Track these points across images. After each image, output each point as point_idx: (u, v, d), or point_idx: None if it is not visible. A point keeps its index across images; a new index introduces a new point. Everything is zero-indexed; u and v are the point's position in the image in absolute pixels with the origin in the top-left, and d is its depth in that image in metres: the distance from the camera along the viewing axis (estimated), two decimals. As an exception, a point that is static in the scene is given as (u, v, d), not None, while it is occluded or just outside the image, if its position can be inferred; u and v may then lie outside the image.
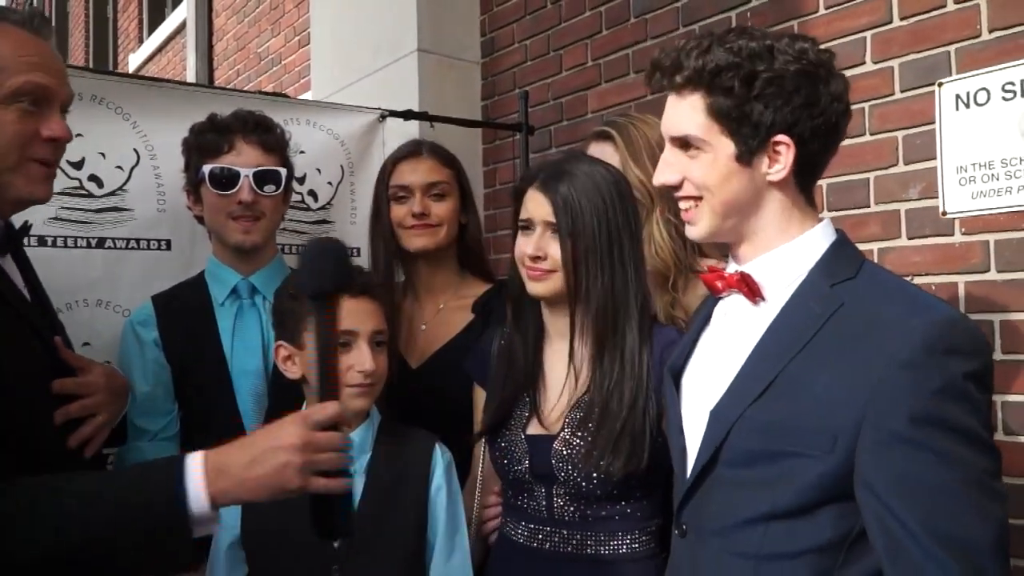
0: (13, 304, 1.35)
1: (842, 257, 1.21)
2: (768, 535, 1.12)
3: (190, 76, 6.74)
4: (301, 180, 2.40)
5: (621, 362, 1.51)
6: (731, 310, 1.28)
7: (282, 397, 1.79)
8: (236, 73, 6.15)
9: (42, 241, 1.97)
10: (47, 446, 1.32)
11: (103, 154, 2.08)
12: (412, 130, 2.77)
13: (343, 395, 1.53)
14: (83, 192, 2.05)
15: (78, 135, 2.01)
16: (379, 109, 2.62)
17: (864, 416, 1.05)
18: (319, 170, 2.45)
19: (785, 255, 1.22)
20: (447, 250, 2.12)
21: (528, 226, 1.58)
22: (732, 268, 1.28)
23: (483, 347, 1.78)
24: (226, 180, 1.84)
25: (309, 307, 1.34)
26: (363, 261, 2.31)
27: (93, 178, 2.06)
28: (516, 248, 1.61)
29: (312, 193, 2.45)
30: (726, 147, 1.19)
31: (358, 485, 1.59)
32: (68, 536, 1.12)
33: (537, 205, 1.56)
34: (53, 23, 13.18)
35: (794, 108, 1.15)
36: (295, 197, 2.37)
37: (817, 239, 1.22)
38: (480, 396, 1.78)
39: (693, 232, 1.26)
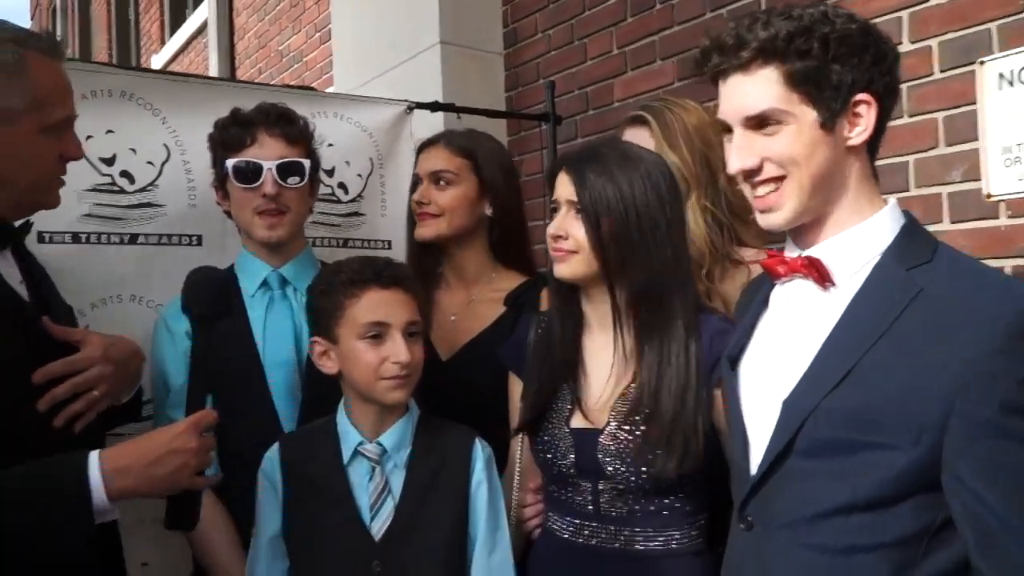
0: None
1: (916, 240, 1.17)
2: (846, 528, 1.09)
3: (212, 75, 6.77)
4: (331, 173, 2.39)
5: (667, 351, 1.47)
6: (794, 296, 1.24)
7: (317, 390, 1.79)
8: (258, 71, 6.17)
9: (76, 238, 1.97)
10: (28, 433, 1.36)
11: (134, 150, 2.08)
12: (439, 122, 2.76)
13: (378, 388, 1.54)
14: (115, 188, 2.05)
15: (109, 131, 2.05)
16: (406, 101, 2.60)
17: (953, 406, 1.02)
18: (348, 162, 2.44)
19: (856, 238, 1.18)
20: (472, 240, 2.09)
21: (555, 207, 1.57)
22: (794, 252, 1.25)
23: (518, 336, 1.75)
24: (249, 173, 1.83)
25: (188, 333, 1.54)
26: (395, 255, 2.30)
27: (125, 174, 2.06)
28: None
29: (342, 186, 2.44)
30: (808, 115, 1.15)
31: (397, 479, 1.58)
32: None
33: (562, 185, 1.54)
34: (77, 26, 13.35)
35: (867, 65, 1.14)
36: (325, 190, 2.37)
37: (887, 221, 1.19)
38: (516, 386, 1.75)
39: (777, 218, 1.21)
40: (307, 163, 1.89)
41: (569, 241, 1.52)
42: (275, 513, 1.59)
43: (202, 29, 7.37)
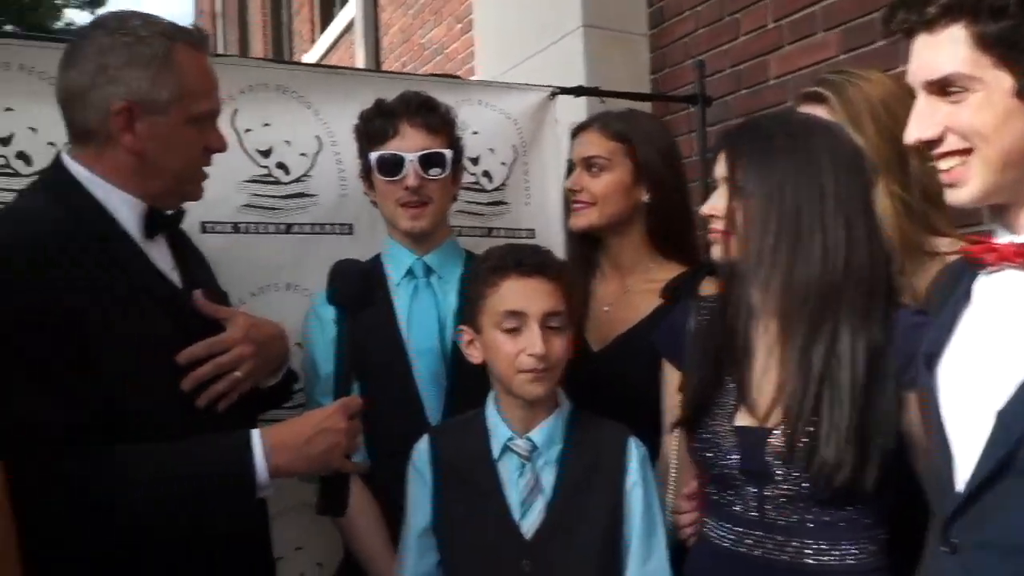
0: (139, 282, 1.42)
1: None
2: None
3: (359, 69, 6.97)
4: (475, 161, 2.37)
5: (842, 346, 1.33)
6: (1005, 288, 1.09)
7: (463, 380, 1.78)
8: (402, 65, 6.29)
9: (236, 228, 2.04)
10: (177, 415, 1.40)
11: (288, 142, 2.12)
12: (582, 108, 2.69)
13: (516, 381, 1.50)
14: (272, 179, 2.10)
15: (266, 124, 2.11)
16: (550, 87, 2.55)
17: None
18: (492, 150, 2.41)
19: None
20: (628, 228, 2.00)
21: (716, 187, 1.47)
22: (1005, 238, 1.09)
23: (675, 321, 1.64)
24: (392, 166, 1.83)
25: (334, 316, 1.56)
26: (539, 244, 2.25)
27: (280, 165, 2.11)
28: None
29: (487, 174, 2.41)
30: (1001, 81, 1.01)
31: (548, 476, 1.53)
32: (153, 501, 1.31)
33: (719, 162, 1.45)
34: (237, 31, 14.18)
35: None
36: (470, 178, 2.34)
37: None
38: (671, 376, 1.66)
39: (961, 195, 1.07)
40: (449, 153, 1.87)
41: (722, 221, 1.42)
42: (425, 506, 1.58)
43: (349, 27, 7.61)
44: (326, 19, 8.81)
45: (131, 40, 1.41)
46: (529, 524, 1.50)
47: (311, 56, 8.99)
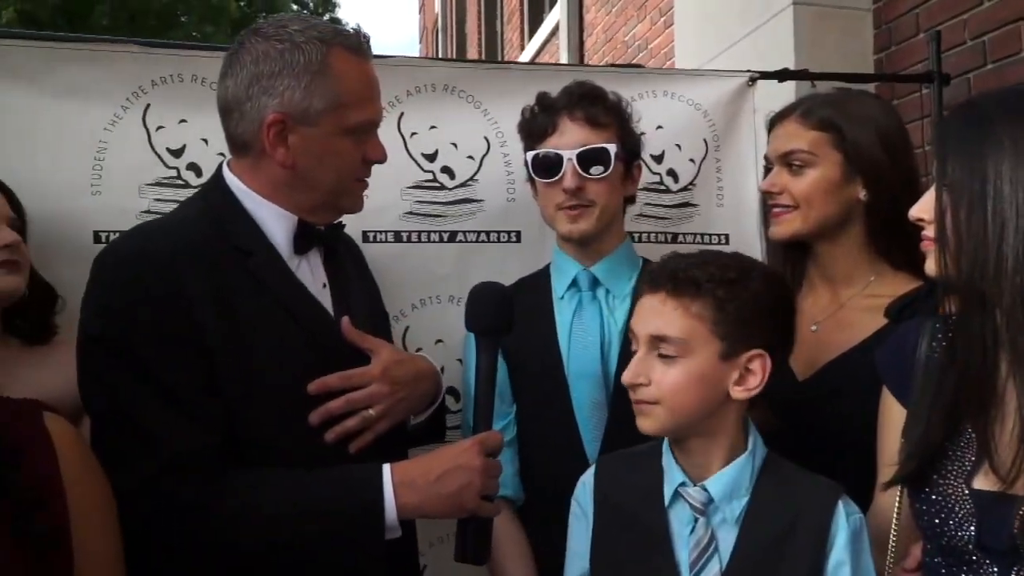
0: (281, 300, 1.34)
1: None
2: None
3: (562, 73, 6.91)
4: (659, 159, 2.14)
5: None
6: None
7: (626, 408, 1.56)
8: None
9: (397, 237, 1.96)
10: (297, 445, 1.31)
11: (455, 144, 2.02)
12: (787, 95, 2.36)
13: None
14: (436, 185, 2.01)
15: (432, 127, 2.01)
16: (748, 72, 2.25)
17: None
18: (679, 146, 2.16)
19: None
20: (842, 233, 1.66)
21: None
22: None
23: (902, 343, 1.32)
24: (549, 166, 1.65)
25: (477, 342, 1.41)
26: (736, 250, 1.98)
27: (446, 170, 2.02)
28: None
29: (672, 173, 2.17)
30: None
31: (727, 536, 1.27)
32: (276, 535, 1.23)
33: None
34: (454, 43, 14.77)
35: None
36: (653, 178, 2.12)
37: None
38: (893, 414, 1.33)
39: None
40: (612, 148, 1.65)
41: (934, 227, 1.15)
42: (585, 550, 1.38)
43: (555, 30, 7.59)
44: (534, 24, 8.87)
45: (286, 47, 1.33)
46: None
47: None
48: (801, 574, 1.22)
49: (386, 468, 1.28)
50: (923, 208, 1.18)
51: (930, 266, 1.18)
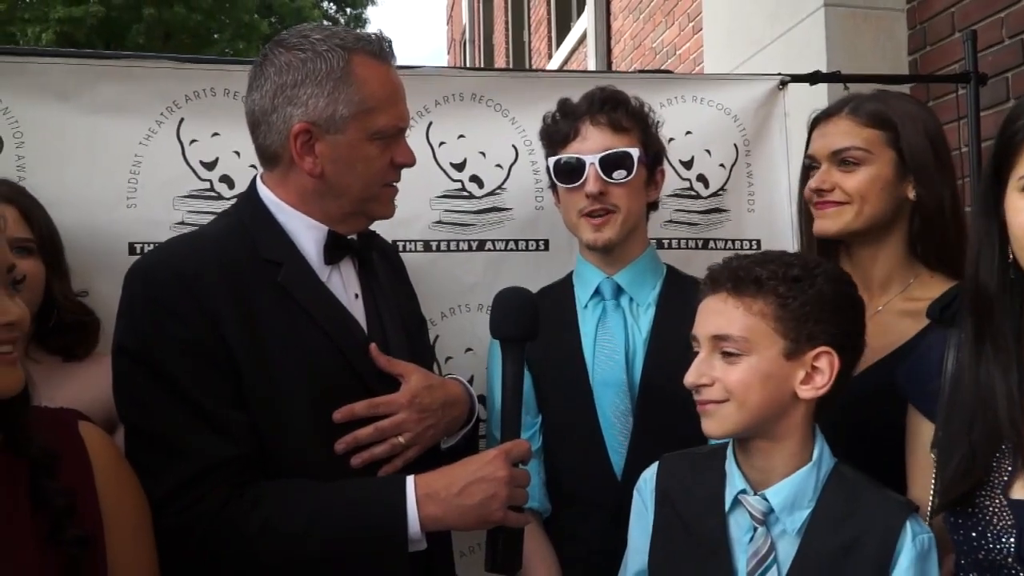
0: (311, 313, 1.34)
1: None
2: None
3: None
4: (688, 164, 2.12)
5: None
6: None
7: (652, 419, 1.56)
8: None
9: (427, 246, 1.96)
10: (323, 459, 1.30)
11: (483, 153, 2.02)
12: (819, 98, 2.33)
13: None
14: (465, 194, 2.01)
15: (460, 136, 2.02)
16: (779, 75, 2.22)
17: None
18: (708, 151, 2.14)
19: None
20: (887, 234, 1.63)
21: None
22: None
23: (929, 356, 1.30)
24: (570, 171, 1.64)
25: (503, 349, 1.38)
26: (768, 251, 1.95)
27: (474, 179, 2.01)
28: None
29: (702, 178, 2.15)
30: None
31: (787, 548, 1.24)
32: (299, 546, 1.22)
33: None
34: (482, 54, 14.83)
35: None
36: (682, 184, 2.11)
37: None
38: (920, 428, 1.32)
39: None
40: (635, 152, 1.63)
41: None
42: (644, 546, 1.37)
43: (583, 38, 7.59)
44: (562, 33, 8.87)
45: (308, 56, 1.34)
46: None
47: (547, 72, 9.10)
48: None
49: (409, 480, 1.27)
50: None
51: None
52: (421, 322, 1.64)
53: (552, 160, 1.68)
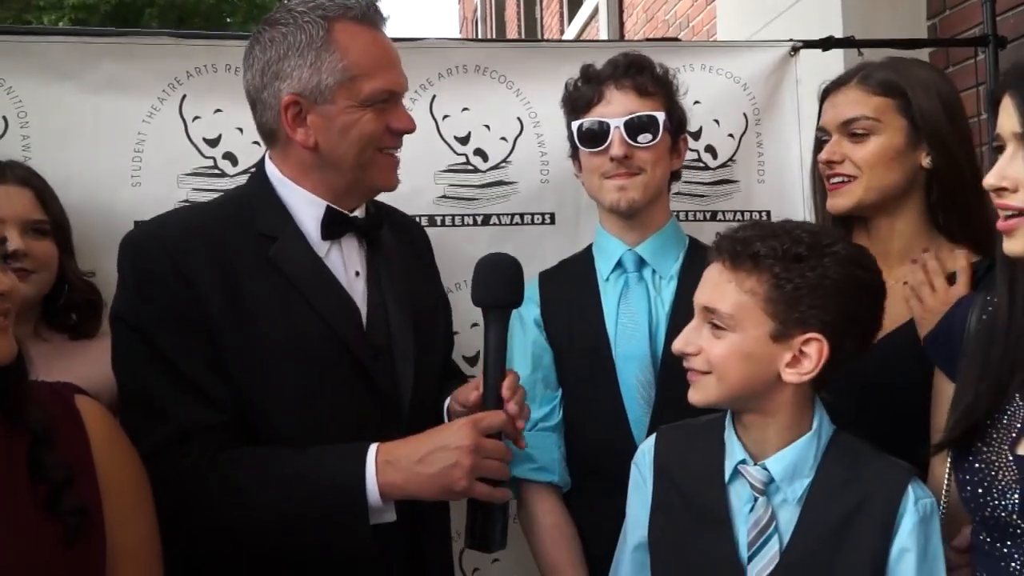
0: (299, 286, 1.34)
1: None
2: None
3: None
4: (697, 135, 2.09)
5: None
6: None
7: (675, 391, 1.52)
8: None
9: (432, 221, 1.95)
10: (303, 429, 1.31)
11: (488, 126, 2.00)
12: (833, 65, 2.28)
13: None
14: (469, 168, 1.99)
15: (464, 109, 2.00)
16: (790, 41, 2.18)
17: None
18: (717, 121, 2.11)
19: None
20: (902, 204, 1.60)
21: (999, 147, 1.12)
22: None
23: (953, 321, 1.30)
24: (595, 135, 1.61)
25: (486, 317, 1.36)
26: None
27: (479, 152, 2.00)
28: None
29: (710, 149, 2.12)
30: None
31: (788, 516, 1.23)
32: (262, 506, 1.23)
33: (1006, 114, 1.10)
34: (493, 32, 14.71)
35: None
36: (691, 155, 2.07)
37: None
38: (944, 390, 1.31)
39: None
40: (661, 116, 1.61)
41: (1018, 195, 1.08)
42: (643, 517, 1.36)
43: (595, 12, 7.51)
44: (573, 8, 8.78)
45: (289, 29, 1.34)
46: (758, 570, 1.22)
47: (560, 47, 9.00)
48: (864, 557, 1.18)
49: (372, 447, 1.26)
50: (1005, 173, 1.09)
51: (1013, 243, 1.10)
52: (435, 306, 1.62)
53: (576, 124, 1.65)
